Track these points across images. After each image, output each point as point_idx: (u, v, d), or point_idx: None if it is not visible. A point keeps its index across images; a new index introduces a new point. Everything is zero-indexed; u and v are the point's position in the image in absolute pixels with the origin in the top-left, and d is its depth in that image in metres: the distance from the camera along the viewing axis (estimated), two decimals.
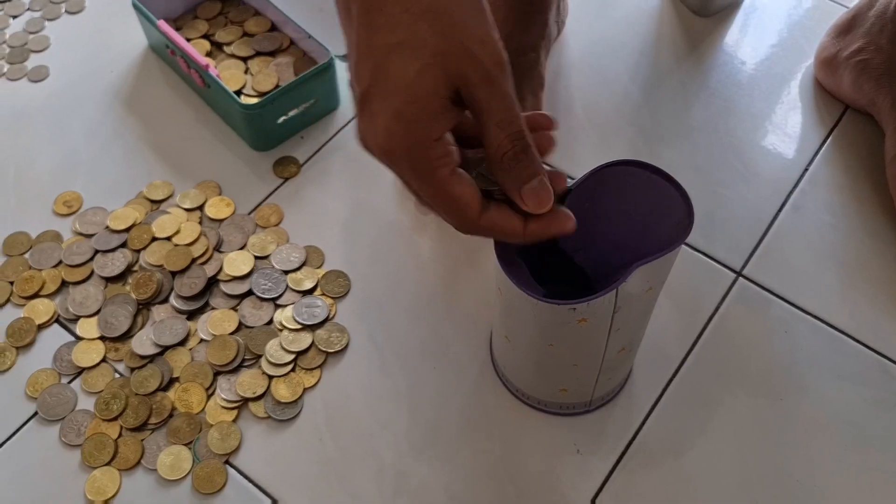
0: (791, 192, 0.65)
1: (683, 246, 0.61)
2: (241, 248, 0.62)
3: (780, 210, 0.64)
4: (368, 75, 0.36)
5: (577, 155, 0.66)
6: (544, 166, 0.39)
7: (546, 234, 0.40)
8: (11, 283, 0.61)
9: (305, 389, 0.56)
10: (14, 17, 0.77)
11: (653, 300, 0.47)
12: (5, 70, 0.73)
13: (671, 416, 0.55)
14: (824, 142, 0.68)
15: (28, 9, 0.78)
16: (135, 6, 0.70)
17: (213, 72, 0.65)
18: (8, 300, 0.60)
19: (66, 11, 0.78)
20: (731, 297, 0.60)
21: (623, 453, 0.53)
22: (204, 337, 0.58)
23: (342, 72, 0.68)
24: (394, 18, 0.34)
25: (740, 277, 0.61)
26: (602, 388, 0.53)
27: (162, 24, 0.67)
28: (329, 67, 0.66)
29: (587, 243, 0.48)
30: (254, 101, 0.65)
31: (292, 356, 0.57)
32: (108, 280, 0.61)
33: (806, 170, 0.66)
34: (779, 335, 0.58)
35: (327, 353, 0.57)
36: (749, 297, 0.60)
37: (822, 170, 0.66)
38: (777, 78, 0.72)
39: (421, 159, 0.36)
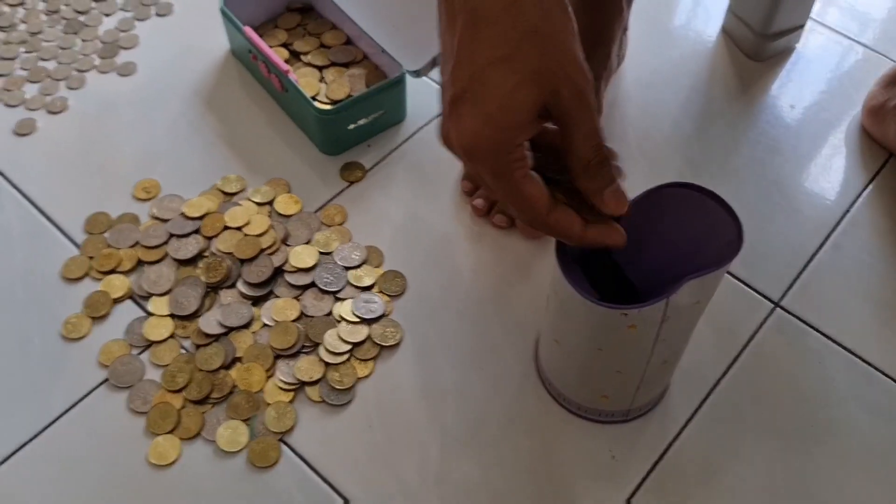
0: (832, 232, 0.67)
1: (725, 274, 0.64)
2: (307, 243, 0.65)
3: (820, 247, 0.67)
4: (464, 80, 0.39)
5: (627, 181, 0.69)
6: None
7: (600, 241, 0.44)
8: (91, 258, 0.65)
9: (359, 378, 0.59)
10: (107, 15, 0.83)
11: (698, 315, 0.50)
12: (97, 63, 0.79)
13: (703, 435, 0.57)
14: (867, 186, 0.70)
15: (120, 8, 0.83)
16: (223, 12, 0.75)
17: (292, 77, 0.69)
18: (87, 274, 0.65)
19: (156, 13, 0.83)
20: (767, 326, 0.62)
21: (655, 464, 0.56)
22: (267, 322, 0.62)
23: (411, 86, 0.73)
24: (500, 34, 0.38)
25: (778, 308, 0.63)
26: (641, 398, 0.55)
27: (248, 30, 0.72)
28: (399, 82, 0.71)
29: (639, 258, 0.51)
30: (327, 107, 0.69)
31: (348, 347, 0.60)
32: (181, 262, 0.65)
33: (847, 211, 0.69)
34: (813, 366, 0.61)
35: (381, 347, 0.61)
36: (785, 328, 0.62)
37: (863, 212, 0.69)
38: (824, 123, 0.75)
39: (502, 160, 0.40)
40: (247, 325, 0.61)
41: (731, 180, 0.71)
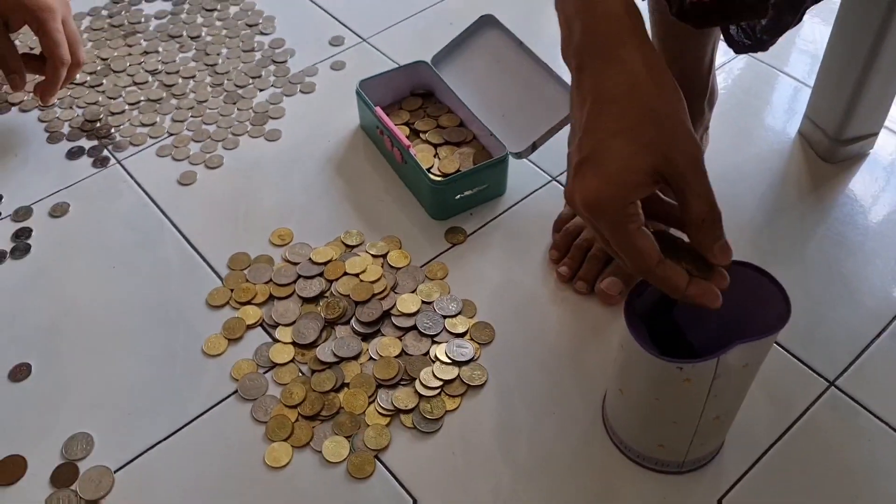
0: (890, 322, 0.73)
1: (784, 351, 0.71)
2: (412, 292, 0.76)
3: (878, 335, 0.72)
4: (589, 148, 0.48)
5: None
6: None
7: (699, 298, 0.51)
8: (231, 290, 0.78)
9: (447, 411, 0.68)
10: (261, 90, 0.98)
11: (748, 378, 0.57)
12: (249, 129, 0.93)
13: (751, 497, 0.63)
14: None
15: (272, 85, 0.99)
16: (358, 94, 0.88)
17: (412, 151, 0.81)
18: (227, 303, 0.77)
19: (300, 91, 0.98)
20: (821, 402, 0.68)
21: None
22: (373, 356, 0.72)
23: (512, 166, 0.84)
24: (622, 111, 0.48)
25: (832, 387, 0.69)
26: (695, 452, 0.62)
27: (378, 109, 0.85)
28: (502, 162, 0.82)
29: (699, 324, 0.59)
30: (439, 179, 0.81)
31: (440, 383, 0.70)
32: (305, 300, 0.76)
33: None
34: (862, 444, 0.66)
35: (468, 386, 0.70)
36: (838, 406, 0.68)
37: None
38: (892, 224, 0.81)
39: (619, 215, 0.48)
40: (356, 357, 0.72)
41: (797, 268, 0.77)
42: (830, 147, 0.85)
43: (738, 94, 0.96)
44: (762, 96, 0.96)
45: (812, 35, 1.03)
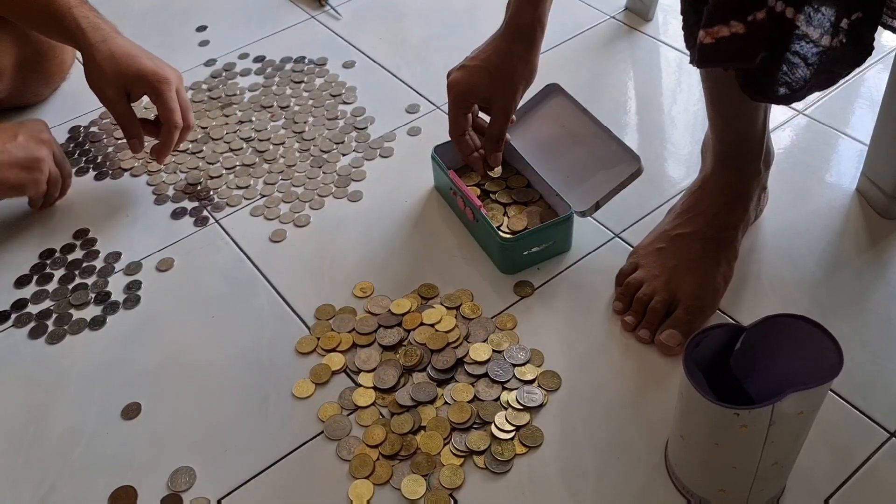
0: None
1: (844, 401, 0.73)
2: (483, 342, 0.82)
3: None
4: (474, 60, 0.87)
5: (757, 315, 0.81)
6: None
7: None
8: (318, 338, 0.85)
9: (517, 454, 0.73)
10: (343, 155, 1.07)
11: (804, 426, 0.60)
12: (333, 190, 1.02)
13: None
14: None
15: (353, 150, 1.07)
16: (433, 158, 0.96)
17: (483, 211, 0.88)
18: (314, 350, 0.84)
19: (380, 155, 1.06)
20: (881, 453, 0.70)
21: None
22: (448, 400, 0.77)
23: (577, 224, 0.89)
24: (500, 55, 0.88)
25: (893, 438, 0.71)
26: (755, 497, 0.65)
27: (452, 172, 0.92)
28: (567, 220, 0.87)
29: (755, 375, 0.63)
30: (508, 236, 0.87)
31: (512, 427, 0.74)
32: (385, 348, 0.83)
33: None
34: None
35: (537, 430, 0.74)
36: None
37: None
38: None
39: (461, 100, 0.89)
40: (432, 401, 0.77)
41: (856, 322, 0.80)
42: (888, 203, 0.88)
43: (795, 153, 1.00)
44: (820, 155, 1.00)
45: (869, 94, 1.07)
